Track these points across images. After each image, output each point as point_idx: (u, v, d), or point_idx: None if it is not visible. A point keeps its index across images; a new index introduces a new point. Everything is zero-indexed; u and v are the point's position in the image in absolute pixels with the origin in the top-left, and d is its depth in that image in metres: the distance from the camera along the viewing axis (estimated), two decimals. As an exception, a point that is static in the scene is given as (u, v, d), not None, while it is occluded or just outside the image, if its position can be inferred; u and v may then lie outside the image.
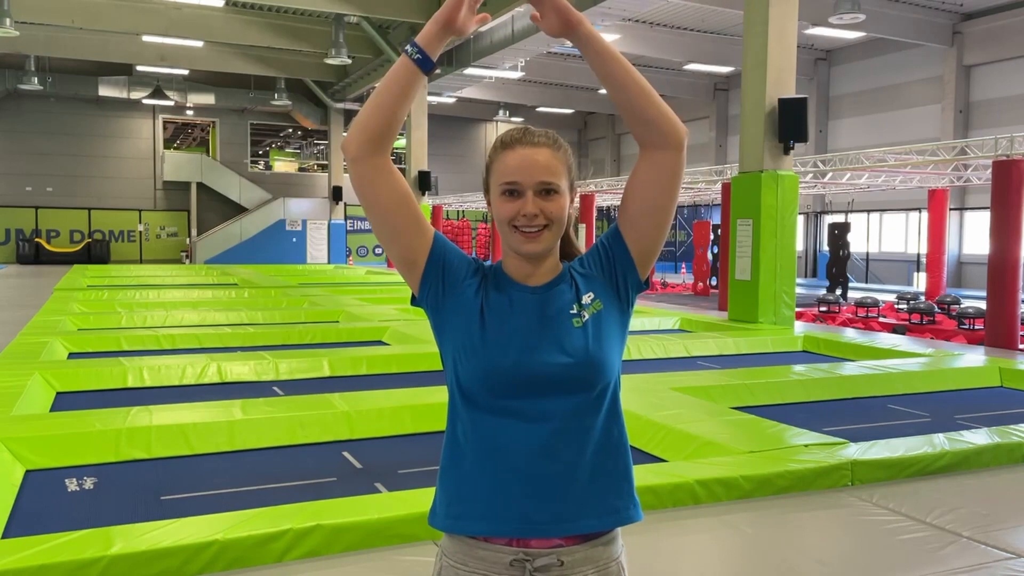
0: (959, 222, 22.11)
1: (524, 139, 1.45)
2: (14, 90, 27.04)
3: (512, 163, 1.43)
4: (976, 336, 11.06)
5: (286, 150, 37.73)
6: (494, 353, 1.42)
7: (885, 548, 3.42)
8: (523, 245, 1.43)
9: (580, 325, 1.44)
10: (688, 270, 28.16)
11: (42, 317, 10.61)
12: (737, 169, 10.97)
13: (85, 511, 3.98)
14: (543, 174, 1.42)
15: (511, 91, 29.47)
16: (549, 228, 1.43)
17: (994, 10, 20.52)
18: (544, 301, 1.46)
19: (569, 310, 1.45)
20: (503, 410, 1.41)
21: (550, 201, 1.43)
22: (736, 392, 6.40)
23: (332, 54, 20.20)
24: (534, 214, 1.41)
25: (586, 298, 1.46)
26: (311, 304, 13.16)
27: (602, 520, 1.43)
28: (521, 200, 1.42)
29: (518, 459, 1.40)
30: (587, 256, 1.53)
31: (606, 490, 1.44)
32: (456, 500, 1.44)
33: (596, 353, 1.43)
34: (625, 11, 16.29)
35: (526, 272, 1.48)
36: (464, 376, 1.43)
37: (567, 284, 1.49)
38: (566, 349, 1.42)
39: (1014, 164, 9.92)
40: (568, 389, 1.41)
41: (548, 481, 1.40)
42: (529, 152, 1.43)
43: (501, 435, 1.41)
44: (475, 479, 1.42)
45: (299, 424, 5.22)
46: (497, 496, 1.40)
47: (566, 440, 1.41)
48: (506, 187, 1.43)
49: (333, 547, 3.27)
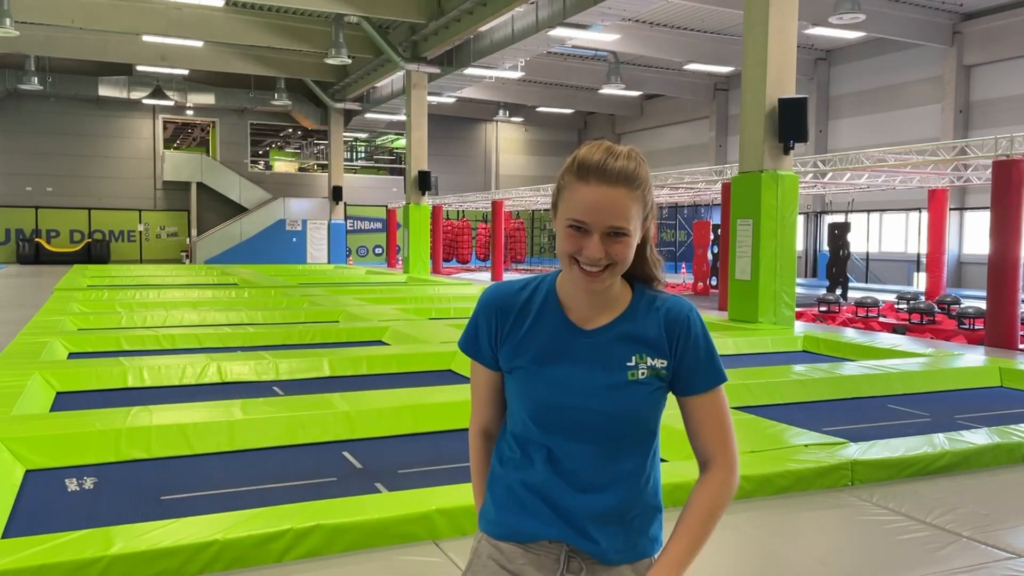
0: (959, 222, 22.11)
1: (602, 172, 1.34)
2: (14, 90, 27.05)
3: (584, 201, 1.34)
4: (976, 336, 11.06)
5: (286, 150, 37.73)
6: (533, 393, 1.44)
7: (885, 548, 3.42)
8: (582, 282, 1.39)
9: (634, 379, 1.43)
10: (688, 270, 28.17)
11: (42, 317, 10.61)
12: (737, 169, 10.97)
13: (85, 511, 3.98)
14: (613, 219, 1.34)
15: (511, 91, 29.47)
16: (611, 269, 1.38)
17: (994, 10, 20.52)
18: (594, 347, 1.44)
19: (627, 362, 1.43)
20: (541, 447, 1.45)
21: (616, 243, 1.36)
22: (736, 392, 6.40)
23: (332, 54, 20.20)
24: (598, 258, 1.36)
25: (659, 361, 1.44)
26: (311, 304, 13.16)
27: (623, 555, 1.47)
28: (587, 239, 1.35)
29: (550, 489, 1.44)
30: (665, 328, 1.45)
31: (632, 531, 1.47)
32: (497, 507, 1.50)
33: (644, 406, 1.44)
34: (625, 11, 16.28)
35: (585, 302, 1.44)
36: (514, 409, 1.49)
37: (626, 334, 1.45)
38: (612, 399, 1.42)
39: (1014, 164, 9.92)
40: (610, 437, 1.43)
41: (579, 516, 1.44)
42: (604, 193, 1.33)
43: (538, 467, 1.45)
44: (511, 496, 1.48)
45: (299, 424, 5.22)
46: (531, 516, 1.46)
47: (603, 480, 1.44)
48: (573, 223, 1.36)
49: (333, 547, 3.27)
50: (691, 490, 1.49)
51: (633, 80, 26.29)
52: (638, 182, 1.36)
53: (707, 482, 1.47)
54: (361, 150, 38.57)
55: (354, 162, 36.89)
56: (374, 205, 34.70)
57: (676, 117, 32.00)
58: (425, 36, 20.44)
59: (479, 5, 17.56)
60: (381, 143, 38.57)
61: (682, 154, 31.70)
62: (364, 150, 38.76)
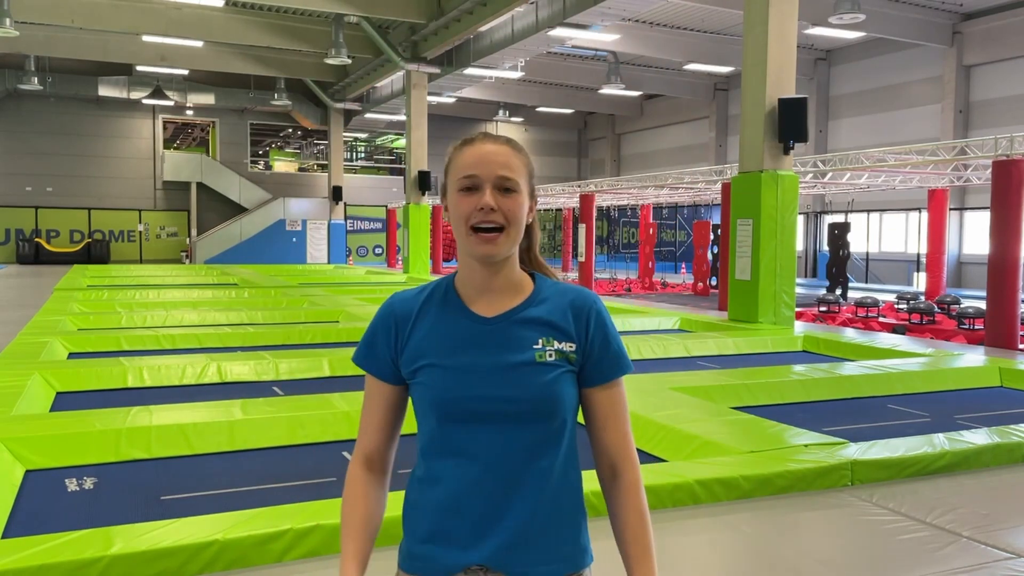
0: (959, 222, 22.11)
1: (484, 137, 1.42)
2: (14, 90, 27.05)
3: (471, 157, 1.38)
4: (976, 336, 11.06)
5: (286, 150, 37.73)
6: (441, 388, 1.38)
7: (885, 548, 3.42)
8: (479, 247, 1.36)
9: (541, 361, 1.38)
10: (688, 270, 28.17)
11: (42, 317, 10.61)
12: (737, 169, 10.97)
13: (85, 511, 3.98)
14: (502, 168, 1.37)
15: (511, 91, 29.47)
16: (507, 231, 1.37)
17: (994, 10, 20.52)
18: (497, 332, 1.40)
19: (533, 344, 1.39)
20: (459, 447, 1.38)
21: (508, 199, 1.37)
22: (736, 392, 6.40)
23: (332, 54, 20.21)
24: (492, 207, 1.35)
25: (567, 344, 1.40)
26: (311, 304, 13.16)
27: (552, 568, 1.38)
28: (479, 195, 1.37)
29: (474, 501, 1.36)
30: (572, 314, 1.42)
31: (559, 537, 1.39)
32: (415, 539, 1.41)
33: (554, 388, 1.37)
34: (625, 11, 16.28)
35: (483, 285, 1.42)
36: (420, 409, 1.42)
37: (531, 318, 1.41)
38: (521, 384, 1.36)
39: (1014, 164, 9.92)
40: (522, 423, 1.37)
41: (503, 525, 1.36)
42: (489, 147, 1.39)
43: (452, 475, 1.38)
44: (431, 518, 1.40)
45: (299, 424, 5.22)
46: (448, 540, 1.38)
47: (519, 482, 1.36)
48: (464, 181, 1.38)
49: (333, 547, 3.27)
50: (615, 508, 1.42)
51: (633, 80, 26.29)
52: (518, 147, 1.43)
53: (628, 491, 1.42)
54: (361, 150, 38.57)
55: (354, 162, 36.89)
56: (374, 205, 34.70)
57: (676, 117, 32.00)
58: (425, 36, 20.44)
59: (479, 5, 17.56)
60: (381, 143, 38.57)
61: (682, 154, 31.70)
62: (364, 150, 38.76)
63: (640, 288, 21.62)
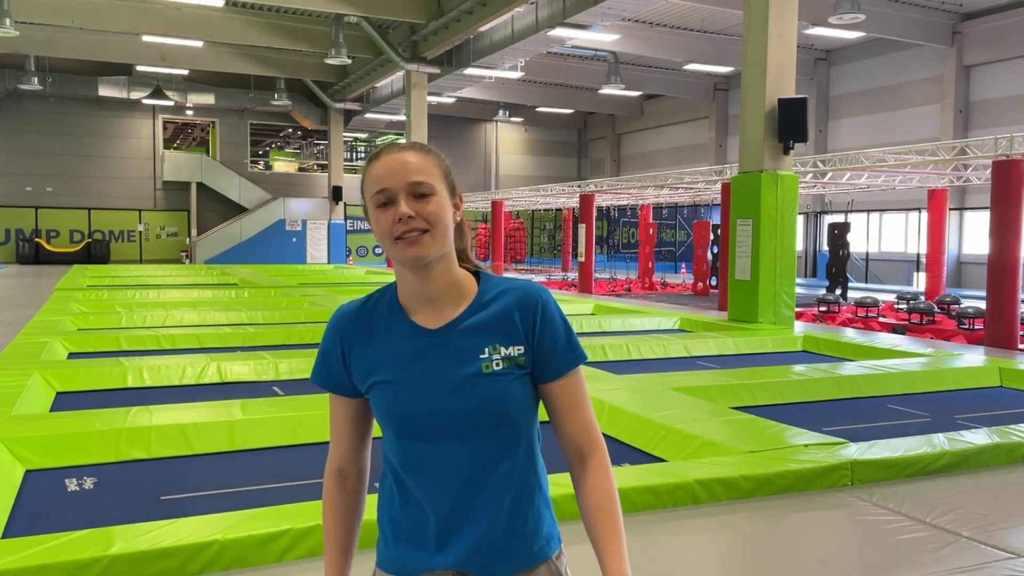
0: (959, 222, 22.11)
1: (389, 148, 1.39)
2: (14, 90, 27.04)
3: (380, 171, 1.36)
4: (976, 336, 11.06)
5: (286, 150, 37.73)
6: (392, 404, 1.37)
7: (885, 548, 3.42)
8: (405, 251, 1.33)
9: (489, 371, 1.36)
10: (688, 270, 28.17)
11: (42, 317, 10.61)
12: (737, 169, 10.97)
13: (85, 511, 3.98)
14: (412, 174, 1.34)
15: (511, 91, 29.47)
16: (431, 233, 1.34)
17: (994, 10, 20.52)
18: (442, 344, 1.38)
19: (479, 354, 1.36)
20: (416, 461, 1.38)
21: (425, 203, 1.34)
22: (736, 392, 6.40)
23: (332, 54, 20.21)
24: (409, 215, 1.32)
25: (514, 348, 1.38)
26: (311, 304, 13.17)
27: (520, 562, 1.39)
28: (394, 207, 1.34)
29: (436, 512, 1.37)
30: (519, 313, 1.39)
31: (524, 534, 1.39)
32: (385, 542, 1.44)
33: (505, 397, 1.36)
34: (625, 11, 16.28)
35: (424, 294, 1.39)
36: (379, 420, 1.43)
37: (475, 325, 1.39)
38: (471, 395, 1.35)
39: (1014, 164, 9.92)
40: (478, 435, 1.36)
41: (467, 533, 1.36)
42: (396, 157, 1.36)
43: (414, 484, 1.38)
44: (395, 526, 1.42)
45: (299, 424, 5.22)
46: (418, 544, 1.39)
47: (480, 489, 1.36)
48: (379, 197, 1.35)
49: (333, 547, 3.27)
50: (581, 489, 1.41)
51: (633, 80, 26.29)
52: (431, 150, 1.40)
53: (596, 475, 1.40)
54: (361, 150, 38.57)
55: (354, 162, 36.89)
56: (374, 205, 34.66)
57: (676, 117, 32.00)
58: (425, 36, 20.44)
59: (479, 5, 17.56)
60: (381, 143, 38.56)
61: (682, 154, 31.70)
62: (364, 150, 38.76)
63: (640, 288, 21.62)
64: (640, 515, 3.71)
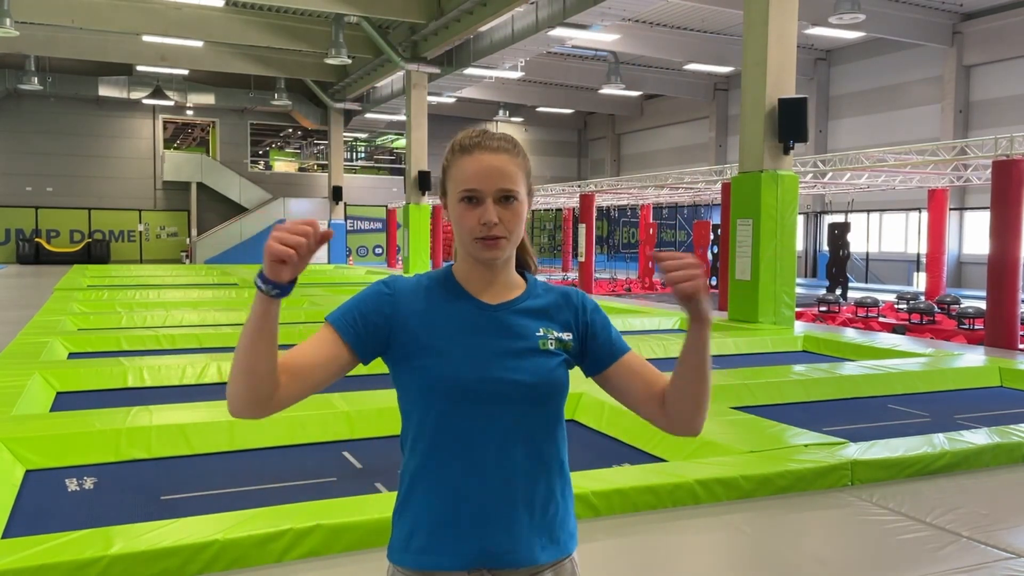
0: (959, 222, 22.11)
1: (483, 143, 1.42)
2: (14, 90, 27.04)
3: (471, 169, 1.40)
4: (976, 336, 11.06)
5: (286, 150, 37.73)
6: (448, 369, 1.39)
7: (885, 548, 3.42)
8: (483, 252, 1.40)
9: (545, 348, 1.44)
10: (688, 270, 28.09)
11: (42, 317, 10.61)
12: (737, 169, 10.97)
13: (85, 511, 3.98)
14: (502, 180, 1.39)
15: (511, 91, 29.47)
16: (509, 239, 1.42)
17: (994, 10, 20.52)
18: (500, 319, 1.44)
19: (535, 332, 1.45)
20: (462, 430, 1.39)
21: (508, 209, 1.40)
22: (736, 392, 6.40)
23: (332, 54, 20.20)
24: (494, 222, 1.38)
25: (565, 334, 1.48)
26: (311, 304, 13.16)
27: (550, 552, 1.43)
28: (481, 208, 1.39)
29: (478, 484, 1.39)
30: (566, 306, 1.51)
31: (554, 521, 1.44)
32: (415, 533, 1.42)
33: (556, 373, 1.44)
34: (625, 11, 16.28)
35: (485, 280, 1.46)
36: (424, 395, 1.41)
37: (530, 308, 1.48)
38: (527, 368, 1.41)
39: (1014, 164, 9.92)
40: (526, 405, 1.41)
41: (507, 508, 1.40)
42: (489, 159, 1.40)
43: (461, 458, 1.39)
44: (428, 511, 1.41)
45: (299, 424, 5.22)
46: (451, 528, 1.39)
47: (523, 465, 1.41)
48: (465, 193, 1.40)
49: (333, 547, 3.27)
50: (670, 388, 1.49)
51: (633, 80, 26.29)
52: (518, 150, 1.45)
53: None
54: (361, 150, 38.56)
55: (354, 162, 36.89)
56: (374, 205, 34.70)
57: (676, 117, 32.00)
58: (425, 36, 20.44)
59: (479, 5, 17.55)
60: (381, 143, 38.57)
61: (682, 154, 31.70)
62: (364, 150, 38.76)
63: (640, 288, 21.62)
64: (640, 515, 3.72)
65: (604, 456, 4.87)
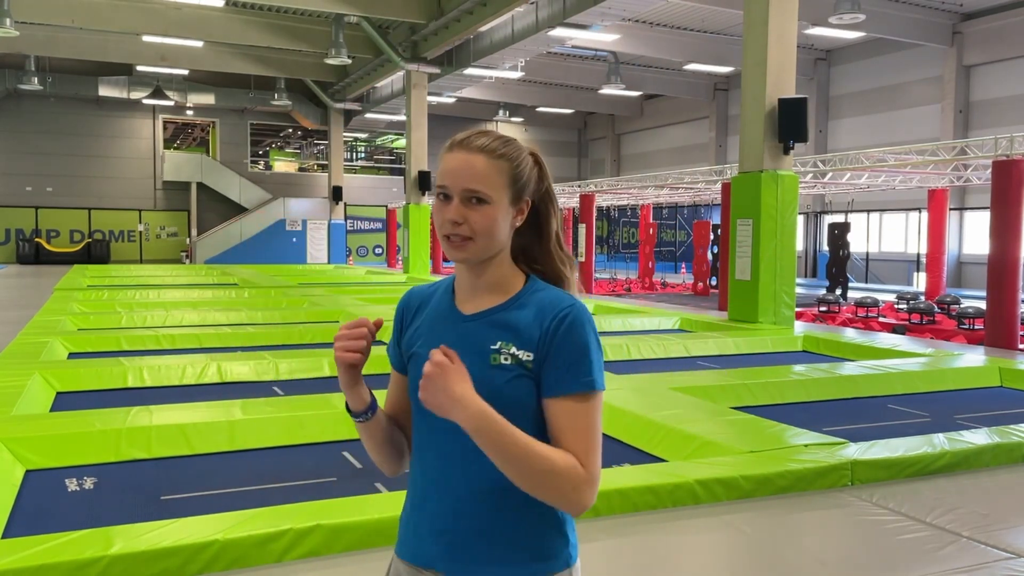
0: (959, 222, 22.11)
1: (465, 142, 1.39)
2: (14, 90, 27.04)
3: (446, 165, 1.39)
4: (976, 336, 11.06)
5: (286, 150, 37.72)
6: (416, 380, 1.39)
7: (885, 548, 3.42)
8: (448, 251, 1.39)
9: (496, 364, 1.35)
10: (688, 270, 28.16)
11: (42, 317, 10.61)
12: (737, 169, 10.97)
13: (85, 511, 3.98)
14: (470, 181, 1.35)
15: (511, 91, 29.47)
16: (474, 240, 1.36)
17: (994, 10, 20.52)
18: (467, 330, 1.40)
19: (491, 345, 1.36)
20: (428, 441, 1.43)
21: (475, 210, 1.35)
22: (736, 392, 6.40)
23: (332, 54, 20.20)
24: (455, 221, 1.35)
25: (524, 352, 1.35)
26: (311, 304, 13.16)
27: (507, 570, 1.36)
28: (449, 205, 1.37)
29: (429, 498, 1.42)
30: (537, 320, 1.37)
31: (522, 545, 1.36)
32: (401, 528, 1.49)
33: (504, 391, 1.33)
34: (625, 11, 16.28)
35: (468, 284, 1.44)
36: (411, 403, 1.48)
37: (500, 321, 1.39)
38: (475, 383, 1.30)
39: (1014, 164, 9.92)
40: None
41: (467, 525, 1.37)
42: (463, 157, 1.37)
43: (419, 468, 1.45)
44: (410, 513, 1.47)
45: (299, 424, 5.22)
46: (413, 528, 1.44)
47: (482, 484, 1.35)
48: (439, 189, 1.39)
49: (333, 547, 3.27)
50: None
51: (633, 80, 26.29)
52: (499, 153, 1.37)
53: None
54: (361, 150, 38.56)
55: (354, 162, 36.89)
56: (374, 205, 34.70)
57: (676, 117, 32.00)
58: (425, 36, 20.44)
59: (479, 5, 17.55)
60: (381, 143, 38.57)
61: (682, 154, 31.69)
62: (364, 150, 38.76)
63: (640, 288, 21.62)
64: (640, 515, 3.72)
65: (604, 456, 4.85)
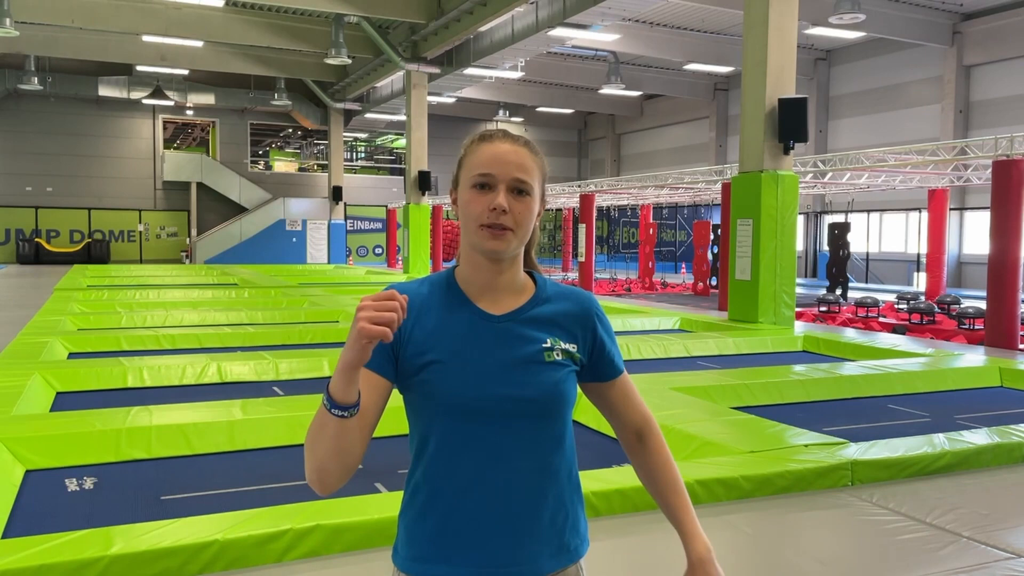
0: (959, 222, 22.11)
1: (504, 135, 1.41)
2: (14, 90, 27.05)
3: (488, 155, 1.37)
4: (976, 336, 11.06)
5: (286, 150, 37.73)
6: (448, 385, 1.35)
7: (885, 548, 3.42)
8: (488, 242, 1.35)
9: (550, 360, 1.39)
10: (688, 270, 28.16)
11: (42, 317, 10.61)
12: (737, 169, 10.97)
13: (85, 511, 3.98)
14: (518, 170, 1.37)
15: (511, 91, 29.47)
16: (515, 233, 1.37)
17: (994, 10, 20.53)
18: (506, 330, 1.39)
19: (542, 343, 1.40)
20: (464, 445, 1.36)
21: (520, 201, 1.37)
22: (736, 392, 6.40)
23: (332, 54, 20.20)
24: (504, 209, 1.34)
25: (572, 345, 1.43)
26: (311, 304, 13.16)
27: (559, 559, 1.41)
28: (492, 194, 1.36)
29: (480, 499, 1.35)
30: (577, 315, 1.46)
31: (563, 529, 1.42)
32: (417, 541, 1.39)
33: (562, 387, 1.39)
34: (625, 11, 16.28)
35: (487, 283, 1.41)
36: (426, 408, 1.38)
37: (537, 317, 1.42)
38: (532, 383, 1.37)
39: (1014, 164, 9.92)
40: (530, 420, 1.37)
41: (510, 521, 1.36)
42: (510, 148, 1.38)
43: (462, 473, 1.36)
44: (435, 518, 1.37)
45: (299, 424, 5.22)
46: (452, 538, 1.36)
47: (529, 479, 1.37)
48: (479, 179, 1.36)
49: (333, 547, 3.27)
50: (647, 465, 1.54)
51: (633, 80, 26.30)
52: (535, 150, 1.43)
53: (661, 452, 1.54)
54: (361, 150, 38.57)
55: (354, 162, 36.89)
56: (374, 205, 34.70)
57: (676, 117, 32.00)
58: (425, 36, 20.44)
59: (479, 5, 17.55)
60: (381, 143, 38.57)
61: (682, 154, 31.70)
62: (364, 150, 38.76)
63: (640, 288, 21.62)
64: (640, 515, 3.72)
65: (604, 456, 4.87)
